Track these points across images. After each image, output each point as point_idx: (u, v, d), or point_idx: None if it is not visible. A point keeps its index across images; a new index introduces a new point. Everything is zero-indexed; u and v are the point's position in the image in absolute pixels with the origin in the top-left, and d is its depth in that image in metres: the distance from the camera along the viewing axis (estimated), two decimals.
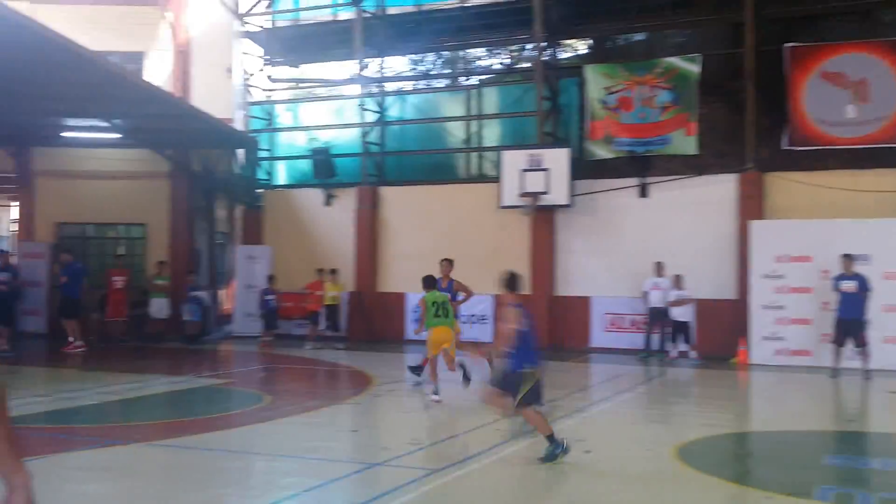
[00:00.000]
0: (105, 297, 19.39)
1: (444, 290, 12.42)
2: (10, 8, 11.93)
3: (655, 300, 16.93)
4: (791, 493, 6.55)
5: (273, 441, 8.73)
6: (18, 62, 13.37)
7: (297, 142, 22.63)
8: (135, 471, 7.25)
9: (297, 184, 22.12)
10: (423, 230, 20.02)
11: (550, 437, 7.40)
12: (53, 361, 16.03)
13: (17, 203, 21.90)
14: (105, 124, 19.18)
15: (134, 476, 7.12)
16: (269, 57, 22.68)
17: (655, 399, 12.97)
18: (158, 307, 19.45)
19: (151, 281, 19.82)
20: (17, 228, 22.31)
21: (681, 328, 16.80)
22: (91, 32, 18.58)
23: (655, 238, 17.90)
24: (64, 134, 20.28)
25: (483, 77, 22.59)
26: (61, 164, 20.81)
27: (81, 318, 17.57)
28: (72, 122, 19.65)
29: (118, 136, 20.08)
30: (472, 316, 19.27)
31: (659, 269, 17.07)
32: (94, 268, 20.28)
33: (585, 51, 21.29)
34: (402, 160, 21.59)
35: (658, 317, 16.97)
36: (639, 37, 20.73)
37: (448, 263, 13.11)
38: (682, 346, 16.86)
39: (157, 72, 21.52)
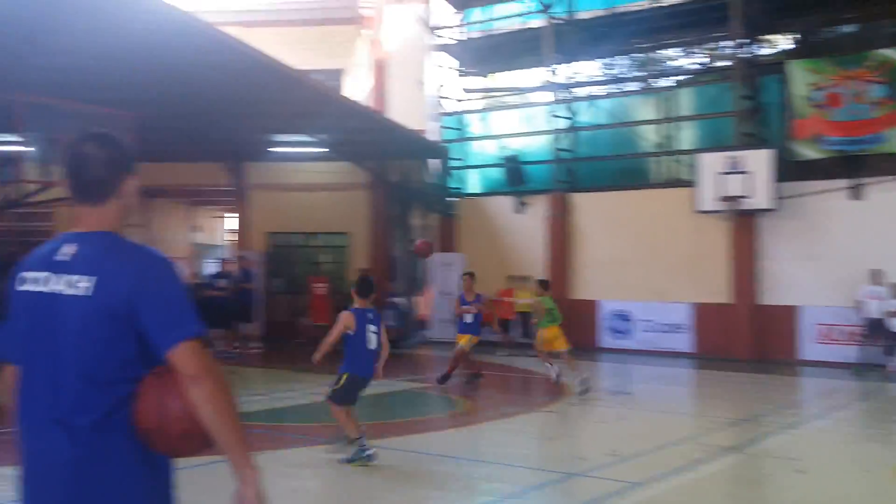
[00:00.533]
0: (308, 303, 20.50)
1: (469, 304, 13.29)
2: (225, 33, 12.86)
3: (873, 310, 15.73)
4: None
5: (472, 445, 8.87)
6: (234, 84, 14.36)
7: (489, 150, 22.93)
8: (341, 469, 7.56)
9: (489, 192, 22.40)
10: (616, 236, 19.70)
11: (359, 440, 7.41)
12: (267, 362, 17.08)
13: (235, 214, 23.62)
14: (311, 139, 20.26)
15: (341, 474, 7.45)
16: (462, 68, 23.16)
17: (874, 416, 12.04)
18: None
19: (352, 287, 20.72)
20: (234, 238, 24.08)
21: None
22: (297, 52, 19.72)
23: (871, 243, 16.61)
24: (274, 149, 21.64)
25: (677, 78, 21.93)
26: (272, 177, 22.23)
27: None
28: (281, 137, 20.94)
29: (323, 150, 21.17)
30: (668, 325, 18.84)
31: (876, 276, 15.84)
32: (299, 275, 21.59)
33: (789, 46, 20.15)
34: (594, 166, 21.31)
35: (876, 328, 15.73)
36: (848, 28, 19.37)
37: (469, 277, 13.75)
38: None
39: (356, 87, 22.51)
